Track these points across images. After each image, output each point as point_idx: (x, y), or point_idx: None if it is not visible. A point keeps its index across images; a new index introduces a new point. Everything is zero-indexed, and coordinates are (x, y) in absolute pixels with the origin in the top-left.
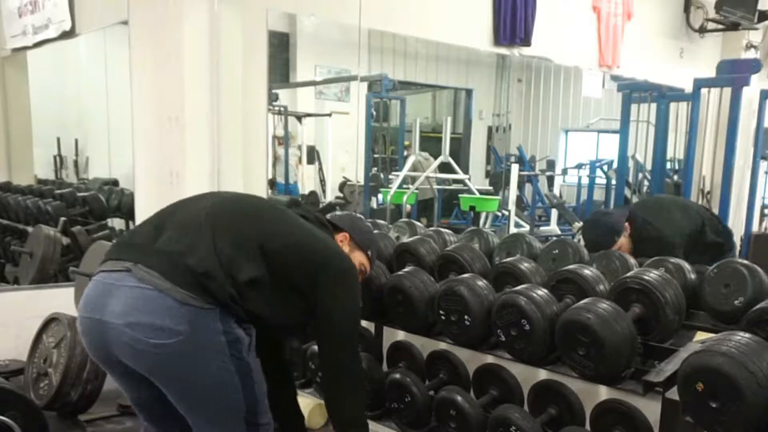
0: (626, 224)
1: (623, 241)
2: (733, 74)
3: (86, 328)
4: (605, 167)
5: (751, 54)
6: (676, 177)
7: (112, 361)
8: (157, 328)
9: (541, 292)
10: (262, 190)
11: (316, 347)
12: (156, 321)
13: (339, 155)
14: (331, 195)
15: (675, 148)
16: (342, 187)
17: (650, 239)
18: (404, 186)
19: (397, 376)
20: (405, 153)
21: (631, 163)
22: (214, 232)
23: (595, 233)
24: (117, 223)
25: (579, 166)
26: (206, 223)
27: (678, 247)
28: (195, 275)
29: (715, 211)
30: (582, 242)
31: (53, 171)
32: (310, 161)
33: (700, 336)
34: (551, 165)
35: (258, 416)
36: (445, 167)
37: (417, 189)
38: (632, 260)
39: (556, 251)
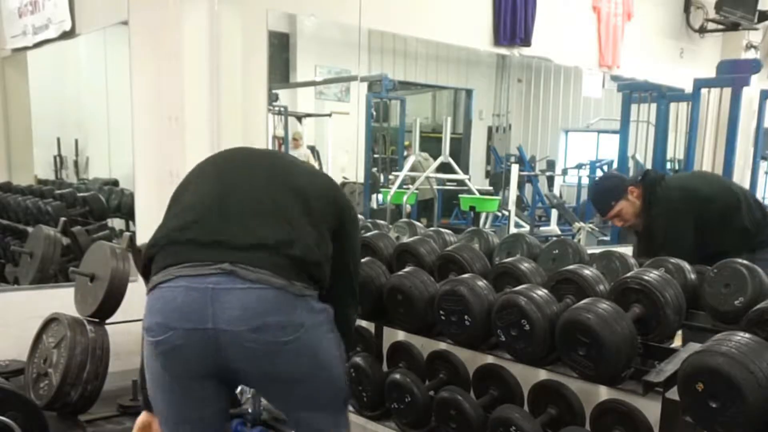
0: (630, 187)
1: (624, 205)
2: (733, 74)
3: (189, 340)
4: (605, 167)
5: (751, 54)
6: None
7: (208, 374)
8: (284, 325)
9: (541, 292)
10: None
11: None
12: (282, 319)
13: (339, 155)
14: None
15: (675, 148)
16: (342, 187)
17: (664, 200)
18: (404, 186)
19: (397, 376)
20: (405, 153)
21: (631, 163)
22: (293, 216)
23: (592, 197)
24: (117, 223)
25: (579, 167)
26: (279, 207)
27: (695, 212)
28: (305, 265)
29: None
30: (581, 242)
31: (53, 171)
32: None
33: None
34: (551, 165)
35: (347, 398)
36: (445, 167)
37: (417, 189)
38: (632, 260)
39: (556, 251)
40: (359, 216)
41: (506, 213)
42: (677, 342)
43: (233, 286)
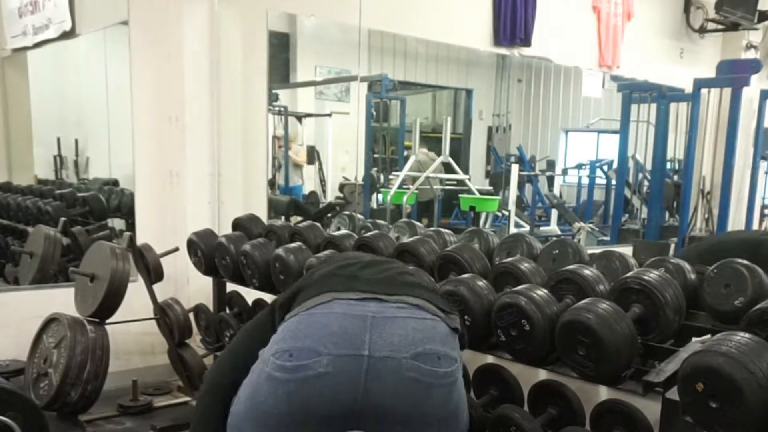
0: None
1: None
2: (733, 74)
3: (339, 368)
4: (605, 167)
5: (751, 54)
6: (676, 177)
7: (347, 414)
8: (441, 356)
9: (541, 292)
10: (262, 191)
11: None
12: (440, 349)
13: (339, 155)
14: (331, 195)
15: (675, 148)
16: (342, 187)
17: None
18: (404, 186)
19: None
20: (405, 153)
21: (631, 163)
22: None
23: None
24: (117, 223)
25: (579, 167)
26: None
27: None
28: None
29: (715, 211)
30: (581, 242)
31: (53, 171)
32: (310, 161)
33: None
34: (551, 165)
35: None
36: (445, 167)
37: (417, 189)
38: (632, 260)
39: (556, 251)
40: (359, 216)
41: (506, 213)
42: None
43: (394, 315)
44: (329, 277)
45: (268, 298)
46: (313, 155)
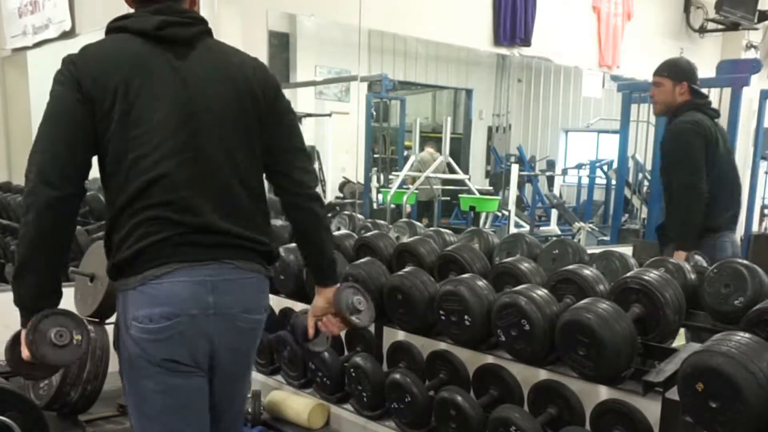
0: (685, 83)
1: (669, 86)
2: (733, 74)
3: (192, 325)
4: (605, 167)
5: (751, 54)
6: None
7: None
8: (263, 306)
9: (541, 292)
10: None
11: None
12: (261, 302)
13: (339, 155)
14: (331, 195)
15: None
16: (342, 187)
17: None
18: (404, 186)
19: (397, 376)
20: (405, 153)
21: (631, 163)
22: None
23: (674, 59)
24: None
25: (579, 167)
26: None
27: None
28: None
29: None
30: (581, 242)
31: None
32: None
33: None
34: (551, 165)
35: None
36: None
37: (417, 189)
38: (632, 260)
39: (556, 251)
40: (359, 216)
41: (506, 213)
42: (680, 342)
43: (229, 277)
44: (169, 246)
45: None
46: (312, 155)
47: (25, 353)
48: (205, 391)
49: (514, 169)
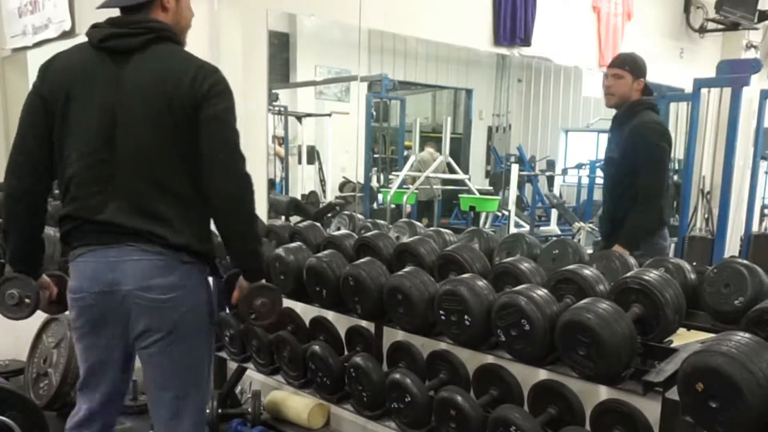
0: (642, 81)
1: (629, 80)
2: (733, 74)
3: (99, 300)
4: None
5: (751, 54)
6: (676, 177)
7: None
8: (163, 286)
9: (541, 292)
10: (262, 191)
11: (315, 346)
12: (160, 282)
13: (339, 155)
14: (331, 195)
15: (675, 148)
16: (342, 187)
17: (661, 124)
18: (404, 186)
19: (397, 376)
20: (405, 153)
21: None
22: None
23: (629, 54)
24: None
25: (579, 166)
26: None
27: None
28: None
29: (715, 211)
30: (581, 242)
31: None
32: (310, 161)
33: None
34: (551, 165)
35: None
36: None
37: (417, 189)
38: (632, 260)
39: (556, 251)
40: (359, 216)
41: (506, 213)
42: (680, 341)
43: (129, 258)
44: (81, 232)
45: None
46: (312, 155)
47: None
48: (112, 358)
49: (514, 169)
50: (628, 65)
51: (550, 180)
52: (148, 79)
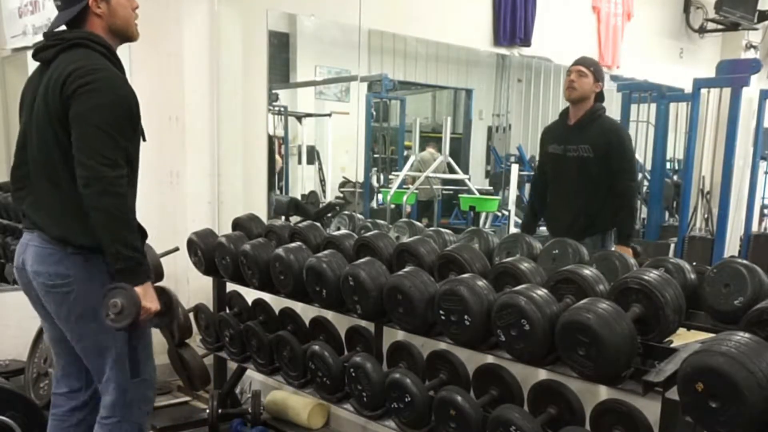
0: (600, 84)
1: (590, 82)
2: (733, 74)
3: (17, 276)
4: None
5: (751, 54)
6: (675, 177)
7: None
8: (51, 273)
9: (541, 292)
10: (262, 191)
11: (315, 346)
12: (47, 269)
13: (339, 155)
14: (331, 195)
15: (675, 148)
16: (342, 187)
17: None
18: (404, 186)
19: (397, 376)
20: (405, 153)
21: None
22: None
23: (587, 58)
24: None
25: None
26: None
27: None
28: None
29: (715, 211)
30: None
31: None
32: (310, 161)
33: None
34: None
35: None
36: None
37: (417, 189)
38: (632, 260)
39: (556, 251)
40: (359, 216)
41: (506, 213)
42: (680, 341)
43: (30, 243)
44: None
45: (268, 297)
46: (312, 155)
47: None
48: (53, 329)
49: (514, 169)
50: (593, 67)
51: None
52: (44, 87)
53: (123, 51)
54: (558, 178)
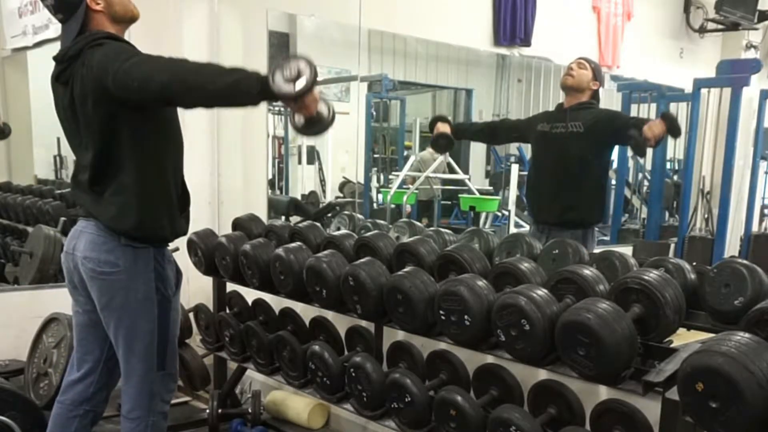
0: (597, 83)
1: (590, 76)
2: (733, 74)
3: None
4: None
5: (751, 54)
6: (676, 177)
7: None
8: (99, 260)
9: (541, 292)
10: (262, 191)
11: (315, 346)
12: (98, 255)
13: (339, 155)
14: (331, 195)
15: (675, 148)
16: (342, 187)
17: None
18: (404, 186)
19: (397, 376)
20: (405, 153)
21: (631, 163)
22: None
23: (593, 63)
24: None
25: None
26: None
27: None
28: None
29: (715, 211)
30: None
31: (53, 171)
32: (310, 161)
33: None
34: None
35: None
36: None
37: (417, 189)
38: (632, 260)
39: (556, 251)
40: (359, 216)
41: (506, 213)
42: (680, 341)
43: (83, 231)
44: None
45: (268, 298)
46: (312, 155)
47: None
48: (84, 315)
49: (514, 169)
50: (594, 65)
51: None
52: (80, 81)
53: None
54: (542, 157)
